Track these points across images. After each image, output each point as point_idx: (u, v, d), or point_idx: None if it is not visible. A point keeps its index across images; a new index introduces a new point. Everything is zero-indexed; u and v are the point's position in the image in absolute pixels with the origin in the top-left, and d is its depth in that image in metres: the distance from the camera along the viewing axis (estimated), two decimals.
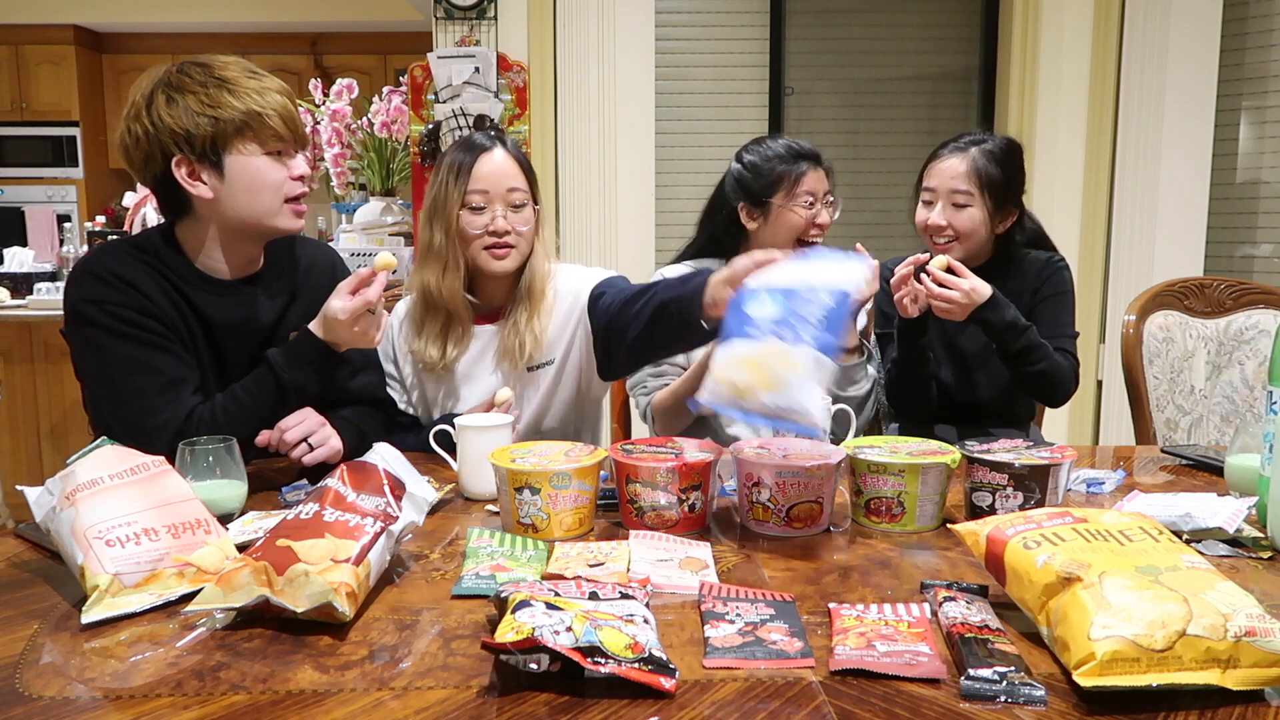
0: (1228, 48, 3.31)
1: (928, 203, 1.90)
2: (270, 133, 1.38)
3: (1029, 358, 1.77)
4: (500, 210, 1.62)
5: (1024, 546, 0.90)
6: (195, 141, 1.36)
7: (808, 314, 1.08)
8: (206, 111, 1.35)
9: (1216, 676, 0.75)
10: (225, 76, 1.37)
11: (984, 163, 1.84)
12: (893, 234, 3.73)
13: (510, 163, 1.64)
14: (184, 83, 1.36)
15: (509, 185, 1.63)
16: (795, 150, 1.91)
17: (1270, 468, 1.14)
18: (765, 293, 1.11)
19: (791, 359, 1.06)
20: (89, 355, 1.41)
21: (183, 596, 0.95)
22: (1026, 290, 1.91)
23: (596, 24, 3.38)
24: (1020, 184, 1.90)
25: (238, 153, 1.38)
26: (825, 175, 1.91)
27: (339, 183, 3.55)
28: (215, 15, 5.91)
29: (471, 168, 1.62)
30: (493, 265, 1.64)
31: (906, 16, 3.74)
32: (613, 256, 3.48)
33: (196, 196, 1.40)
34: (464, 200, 1.62)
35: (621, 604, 0.87)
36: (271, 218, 1.43)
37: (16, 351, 3.41)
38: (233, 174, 1.39)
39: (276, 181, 1.41)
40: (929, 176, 1.90)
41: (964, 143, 1.88)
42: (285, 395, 1.40)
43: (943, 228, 1.86)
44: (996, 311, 1.73)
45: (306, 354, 1.40)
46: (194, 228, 1.46)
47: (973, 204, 1.84)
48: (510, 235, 1.63)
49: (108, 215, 4.78)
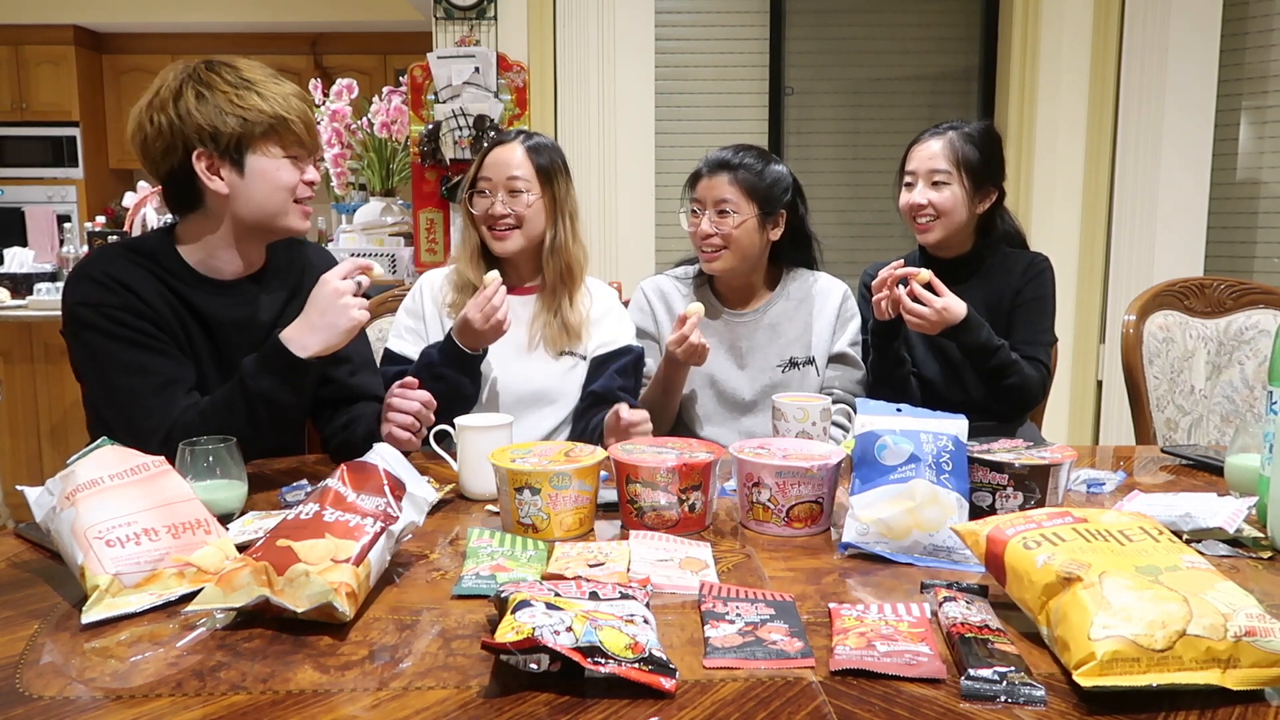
0: (1228, 47, 3.31)
1: (909, 184, 1.94)
2: (293, 137, 1.44)
3: (1000, 375, 1.83)
4: (500, 196, 1.76)
5: (1024, 546, 0.90)
6: (221, 138, 1.40)
7: (940, 459, 1.13)
8: (236, 111, 1.39)
9: (1216, 676, 0.75)
10: (252, 79, 1.42)
11: (961, 143, 1.89)
12: (892, 234, 3.73)
13: (517, 154, 1.78)
14: (214, 80, 1.40)
15: (509, 174, 1.76)
16: (711, 154, 1.90)
17: (1270, 468, 1.14)
18: (892, 435, 1.14)
19: (940, 500, 1.10)
20: (86, 357, 1.43)
21: (183, 596, 0.95)
22: (1009, 289, 1.93)
23: (596, 24, 3.38)
24: (999, 166, 1.95)
25: (261, 153, 1.42)
26: (729, 182, 1.82)
27: (339, 183, 3.56)
28: (215, 15, 5.91)
29: (484, 157, 1.79)
30: (495, 247, 1.79)
31: (906, 16, 3.74)
32: (612, 256, 3.48)
33: (212, 191, 1.42)
34: (475, 183, 1.79)
35: (622, 604, 0.87)
36: (282, 217, 1.47)
37: (16, 351, 3.41)
38: (252, 173, 1.43)
39: (291, 183, 1.46)
40: (909, 160, 1.95)
41: (942, 128, 1.94)
42: (251, 405, 1.37)
43: (923, 206, 1.90)
44: (969, 333, 1.77)
45: (273, 363, 1.37)
46: (200, 224, 1.47)
47: (952, 182, 1.88)
48: (509, 218, 1.76)
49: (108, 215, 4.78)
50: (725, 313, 1.92)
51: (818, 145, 3.81)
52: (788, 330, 1.90)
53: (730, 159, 1.84)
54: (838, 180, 3.82)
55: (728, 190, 1.81)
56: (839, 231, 3.80)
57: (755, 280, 1.92)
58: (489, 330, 1.62)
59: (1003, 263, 1.96)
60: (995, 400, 1.88)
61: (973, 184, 1.89)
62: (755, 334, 1.90)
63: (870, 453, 1.14)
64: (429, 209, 3.41)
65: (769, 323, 1.90)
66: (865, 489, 1.13)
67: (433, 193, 3.39)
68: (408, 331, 1.82)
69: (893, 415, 1.20)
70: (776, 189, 1.84)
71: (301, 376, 1.38)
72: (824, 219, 3.77)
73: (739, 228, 1.81)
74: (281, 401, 1.38)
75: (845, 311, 1.92)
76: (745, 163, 1.83)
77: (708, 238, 1.83)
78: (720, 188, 1.82)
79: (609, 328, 1.85)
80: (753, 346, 1.90)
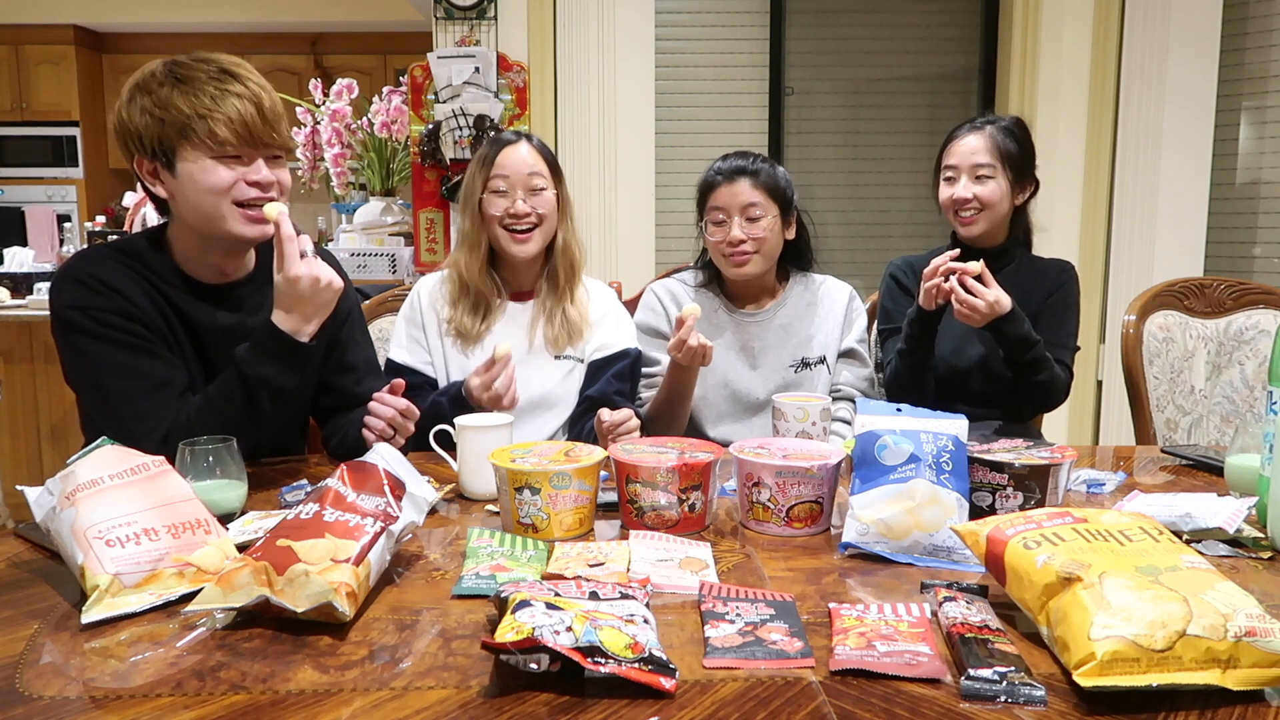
0: (1228, 48, 3.31)
1: (950, 179, 1.94)
2: (214, 138, 1.34)
3: (1034, 369, 1.84)
4: (521, 194, 1.74)
5: (1024, 546, 0.90)
6: (146, 142, 1.36)
7: (940, 459, 1.13)
8: (155, 112, 1.34)
9: (1216, 676, 0.75)
10: (186, 75, 1.35)
11: (1001, 138, 1.92)
12: (892, 234, 3.73)
13: (533, 154, 1.78)
14: (148, 81, 1.36)
15: (529, 171, 1.75)
16: (719, 164, 1.89)
17: (1270, 468, 1.14)
18: (892, 435, 1.14)
19: (940, 499, 1.10)
20: (76, 361, 1.40)
21: (183, 596, 0.95)
22: (1038, 291, 1.94)
23: (596, 24, 3.38)
24: (1033, 157, 1.98)
25: (185, 157, 1.36)
26: (753, 185, 1.83)
27: (339, 183, 3.55)
28: (215, 15, 5.91)
29: (495, 158, 1.77)
30: (514, 249, 1.76)
31: (906, 16, 3.74)
32: (612, 257, 3.48)
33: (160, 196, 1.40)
34: (486, 185, 1.76)
35: (621, 604, 0.87)
36: (220, 222, 1.38)
37: (16, 351, 3.41)
38: (182, 177, 1.37)
39: (220, 185, 1.36)
40: (949, 155, 1.96)
41: (979, 123, 1.96)
42: (253, 392, 1.35)
43: (968, 200, 1.91)
44: (1013, 325, 1.79)
45: (269, 346, 1.35)
46: (175, 227, 1.45)
47: (996, 175, 1.90)
48: (531, 216, 1.75)
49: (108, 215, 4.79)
50: (737, 314, 1.93)
51: (818, 145, 3.81)
52: (799, 330, 1.91)
53: (747, 165, 1.85)
54: (838, 180, 3.82)
55: (754, 194, 1.82)
56: (839, 231, 3.80)
57: (768, 281, 1.94)
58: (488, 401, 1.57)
59: (1030, 262, 1.99)
60: (1023, 397, 1.90)
61: (1014, 176, 1.92)
62: (767, 334, 1.91)
63: (870, 453, 1.14)
64: (429, 209, 3.41)
65: (780, 323, 1.91)
66: (865, 489, 1.13)
67: (433, 192, 3.39)
68: (409, 340, 1.82)
69: (893, 415, 1.20)
70: (789, 189, 1.88)
71: (307, 360, 1.39)
72: (824, 219, 3.77)
73: (770, 230, 1.83)
74: (283, 386, 1.37)
75: (852, 311, 1.94)
76: (760, 166, 1.86)
77: (739, 244, 1.83)
78: (745, 193, 1.82)
79: (607, 330, 1.85)
80: (765, 347, 1.91)
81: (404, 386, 1.47)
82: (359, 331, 1.67)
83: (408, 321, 1.83)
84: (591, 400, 1.77)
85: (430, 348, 1.81)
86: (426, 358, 1.80)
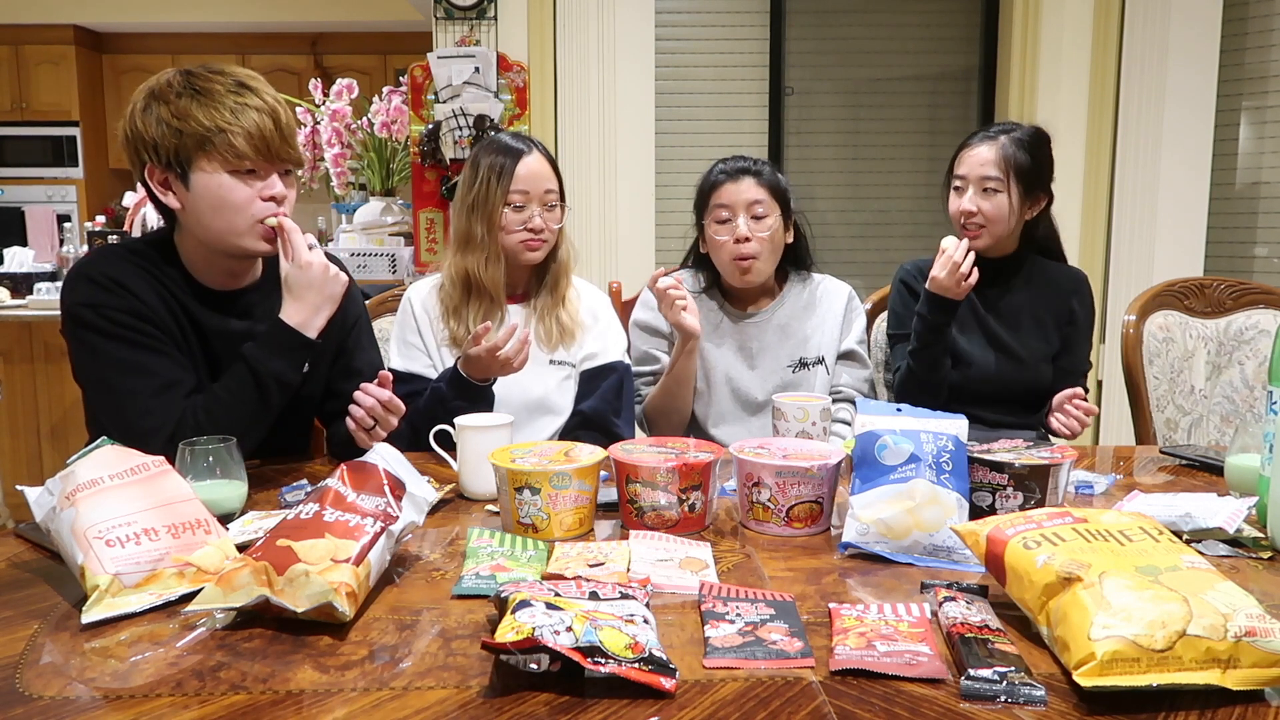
0: (1228, 48, 3.31)
1: (958, 189, 1.93)
2: (233, 151, 1.33)
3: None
4: (538, 209, 1.76)
5: (1024, 546, 0.90)
6: (161, 152, 1.35)
7: (940, 459, 1.12)
8: (172, 123, 1.33)
9: (1216, 676, 0.75)
10: (204, 88, 1.34)
11: (1013, 150, 1.87)
12: (892, 234, 3.73)
13: (545, 166, 1.79)
14: (164, 90, 1.35)
15: (545, 187, 1.77)
16: (721, 164, 1.89)
17: (1270, 468, 1.14)
18: (892, 435, 1.14)
19: (940, 499, 1.10)
20: (84, 358, 1.41)
21: (183, 596, 0.95)
22: (1059, 301, 1.95)
23: (596, 24, 3.38)
24: (1050, 171, 1.94)
25: (201, 169, 1.35)
26: (757, 184, 1.83)
27: (339, 183, 3.55)
28: (215, 15, 5.91)
29: (513, 170, 1.75)
30: (527, 257, 1.79)
31: (906, 16, 3.74)
32: (612, 257, 3.48)
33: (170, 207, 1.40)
34: (506, 199, 1.75)
35: (621, 604, 0.87)
36: (237, 238, 1.39)
37: (16, 351, 3.41)
38: (197, 189, 1.36)
39: (240, 201, 1.36)
40: (959, 164, 1.93)
41: (994, 131, 1.92)
42: (264, 388, 1.37)
43: (972, 214, 1.89)
44: None
45: (279, 341, 1.37)
46: (182, 236, 1.45)
47: (1002, 190, 1.87)
48: (545, 232, 1.78)
49: (108, 215, 4.78)
50: (735, 314, 1.93)
51: (818, 145, 3.81)
52: (797, 331, 1.91)
53: (750, 165, 1.86)
54: (838, 180, 3.82)
55: (759, 191, 1.83)
56: (839, 231, 3.80)
57: (767, 282, 1.94)
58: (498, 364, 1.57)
59: (1043, 271, 1.97)
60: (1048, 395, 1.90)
61: (1023, 190, 1.88)
62: (765, 334, 1.91)
63: (870, 453, 1.14)
64: (429, 209, 3.41)
65: (778, 324, 1.91)
66: (865, 489, 1.13)
67: (433, 192, 3.39)
68: (409, 347, 1.81)
69: (893, 415, 1.20)
70: (789, 190, 1.89)
71: (317, 355, 1.42)
72: (824, 219, 3.77)
73: (774, 229, 1.84)
74: (292, 381, 1.40)
75: (851, 312, 1.94)
76: (763, 167, 1.86)
77: (745, 243, 1.83)
78: (750, 190, 1.83)
79: (598, 336, 1.86)
80: (763, 347, 1.91)
81: (391, 379, 1.46)
82: (365, 337, 1.68)
83: (405, 328, 1.83)
84: (583, 415, 1.79)
85: (429, 349, 1.81)
86: (427, 360, 1.80)
